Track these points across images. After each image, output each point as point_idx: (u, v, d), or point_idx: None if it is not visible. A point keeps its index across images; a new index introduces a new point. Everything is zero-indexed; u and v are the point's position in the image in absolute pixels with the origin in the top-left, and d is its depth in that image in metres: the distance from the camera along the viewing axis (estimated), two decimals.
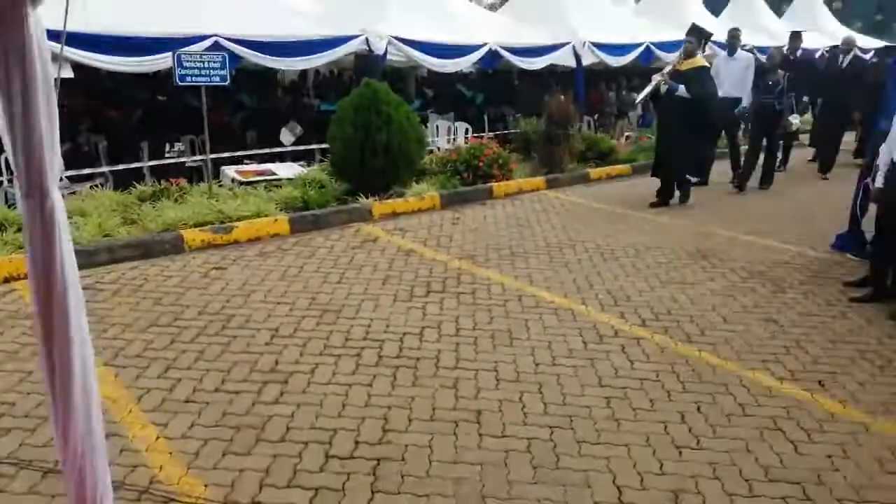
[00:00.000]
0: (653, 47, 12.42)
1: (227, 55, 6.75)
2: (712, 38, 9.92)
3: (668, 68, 7.61)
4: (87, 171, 7.68)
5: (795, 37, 10.87)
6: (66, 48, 6.29)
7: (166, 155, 9.32)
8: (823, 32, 18.58)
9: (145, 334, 4.07)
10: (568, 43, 11.29)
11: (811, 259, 5.89)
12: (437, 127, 11.01)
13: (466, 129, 10.77)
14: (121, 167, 7.91)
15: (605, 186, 8.99)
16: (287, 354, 3.85)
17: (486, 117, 11.61)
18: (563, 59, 11.30)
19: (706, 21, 15.22)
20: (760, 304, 4.80)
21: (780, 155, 9.59)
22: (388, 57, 9.23)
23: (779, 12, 20.04)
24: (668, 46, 12.42)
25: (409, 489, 2.72)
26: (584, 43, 11.33)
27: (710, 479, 2.83)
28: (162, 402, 3.32)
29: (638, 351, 4.01)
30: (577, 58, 11.36)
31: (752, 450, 3.04)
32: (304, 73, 13.20)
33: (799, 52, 10.72)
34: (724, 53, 9.33)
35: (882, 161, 4.86)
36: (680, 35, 13.60)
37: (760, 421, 3.27)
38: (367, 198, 7.06)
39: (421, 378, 3.62)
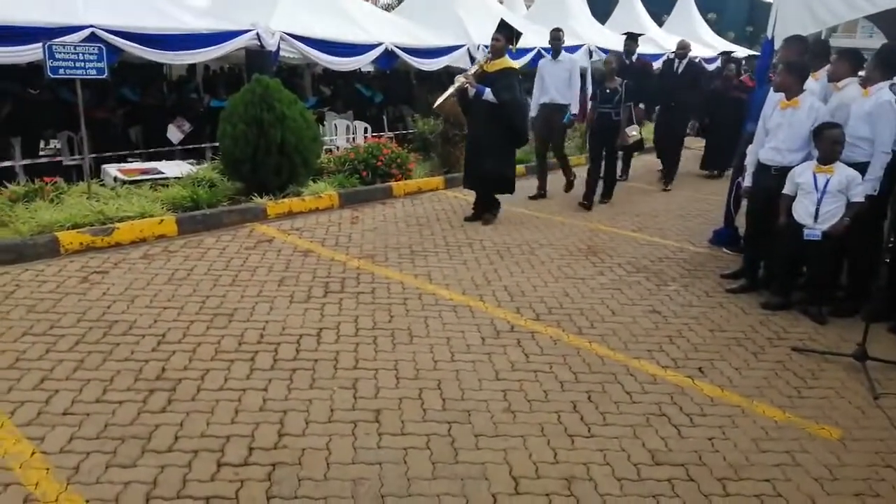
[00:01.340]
0: (543, 52, 12.79)
1: (104, 47, 6.35)
2: (600, 46, 10.36)
3: (473, 69, 6.75)
4: None
5: (631, 40, 9.76)
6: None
7: (41, 153, 8.69)
8: (700, 42, 19.82)
9: (18, 344, 3.77)
10: (463, 45, 11.44)
11: (691, 254, 6.25)
12: (336, 126, 10.86)
13: (366, 129, 10.69)
14: None
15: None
16: (175, 361, 3.68)
17: (385, 117, 11.56)
18: (459, 60, 11.43)
19: (593, 29, 15.93)
20: (645, 296, 5.05)
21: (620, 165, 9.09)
22: (282, 53, 9.01)
23: (659, 22, 21.17)
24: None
25: (307, 493, 2.66)
26: (479, 46, 11.52)
27: (601, 465, 2.95)
28: (38, 416, 3.09)
29: (533, 344, 4.12)
30: (472, 60, 11.52)
31: (639, 435, 3.19)
32: (192, 67, 12.66)
33: (635, 57, 9.73)
34: (548, 56, 8.48)
35: (749, 161, 5.24)
36: (570, 41, 14.13)
37: (647, 407, 3.44)
38: (261, 197, 6.86)
39: (319, 380, 3.56)
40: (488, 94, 6.35)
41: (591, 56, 13.99)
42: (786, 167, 4.83)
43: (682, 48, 9.50)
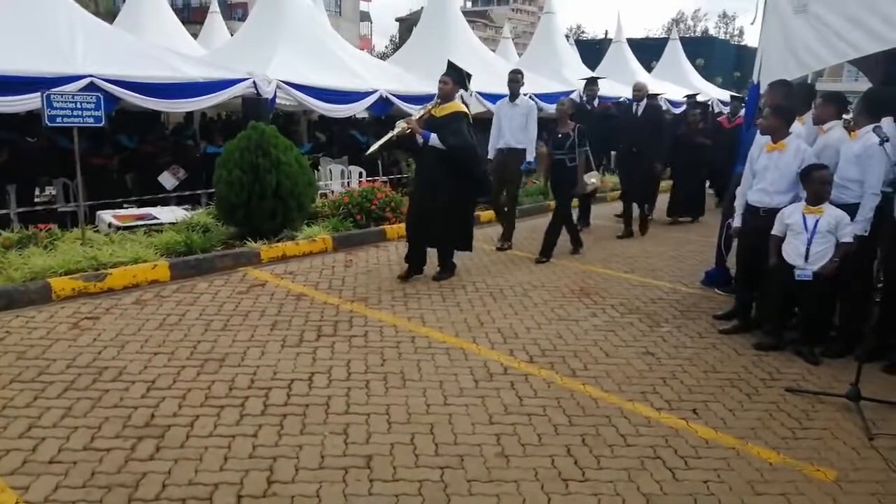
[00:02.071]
0: (535, 99, 13.03)
1: (101, 96, 6.45)
2: (597, 93, 10.49)
3: (419, 113, 6.21)
4: None
5: (591, 84, 9.60)
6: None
7: (36, 200, 8.74)
8: (690, 87, 20.21)
9: (5, 391, 3.74)
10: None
11: (683, 294, 6.27)
12: (331, 171, 10.98)
13: (360, 173, 10.80)
14: None
15: (495, 228, 9.21)
16: (164, 407, 3.64)
17: (379, 162, 11.68)
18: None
19: (582, 73, 16.24)
20: (639, 338, 5.05)
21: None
22: (278, 101, 9.17)
23: (648, 68, 21.64)
24: (547, 98, 13.08)
25: None
26: (472, 93, 11.73)
27: None
28: (23, 464, 3.04)
29: (526, 387, 4.09)
30: (466, 106, 11.70)
31: (634, 479, 3.15)
32: (190, 115, 12.85)
33: (597, 102, 9.58)
34: (505, 99, 7.98)
35: (738, 203, 5.30)
36: (560, 87, 14.42)
37: (641, 450, 3.41)
38: (255, 242, 6.89)
39: (310, 425, 3.52)
40: (434, 139, 5.87)
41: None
42: (774, 208, 4.88)
43: (639, 90, 8.94)
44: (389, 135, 6.05)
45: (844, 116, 5.55)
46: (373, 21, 57.58)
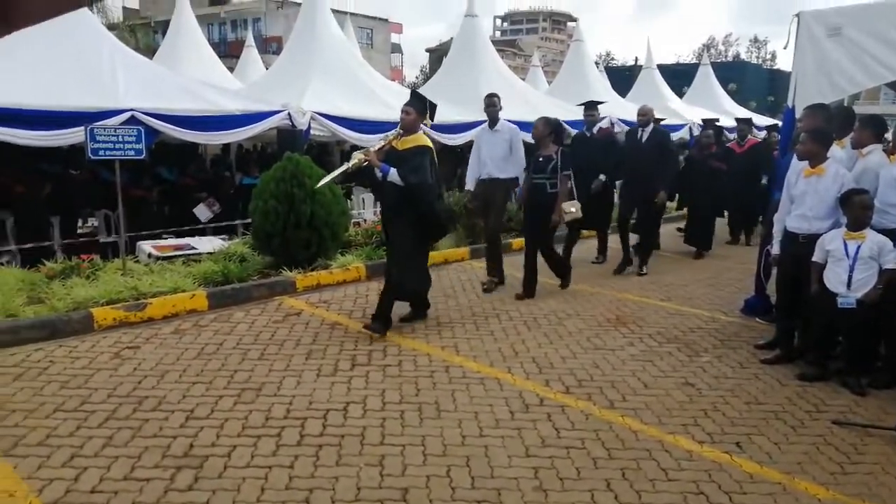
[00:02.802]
0: (565, 125, 13.04)
1: (142, 129, 6.65)
2: (622, 118, 10.45)
3: (379, 144, 5.53)
4: None
5: (589, 108, 8.57)
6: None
7: (78, 231, 8.98)
8: (723, 112, 20.06)
9: (49, 420, 3.81)
10: (486, 120, 11.72)
11: (723, 323, 6.15)
12: (364, 199, 11.09)
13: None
14: (29, 245, 7.54)
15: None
16: (203, 437, 3.67)
17: None
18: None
19: (614, 101, 16.24)
20: (678, 368, 4.95)
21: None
22: (312, 132, 9.33)
23: (680, 94, 21.55)
24: (579, 125, 13.08)
25: None
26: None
27: None
28: (65, 494, 3.08)
29: (563, 418, 4.03)
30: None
31: None
32: (227, 146, 13.12)
33: (597, 128, 8.76)
34: (483, 126, 7.43)
35: (776, 229, 5.21)
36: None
37: (683, 485, 3.32)
38: (290, 270, 6.97)
39: (345, 456, 3.51)
40: (394, 175, 5.28)
41: (612, 128, 14.21)
42: (814, 235, 4.79)
43: (643, 114, 8.17)
44: (344, 167, 5.49)
45: (886, 137, 5.45)
46: (403, 52, 58.56)
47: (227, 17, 44.98)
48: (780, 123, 14.21)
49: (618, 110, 15.21)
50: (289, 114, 8.90)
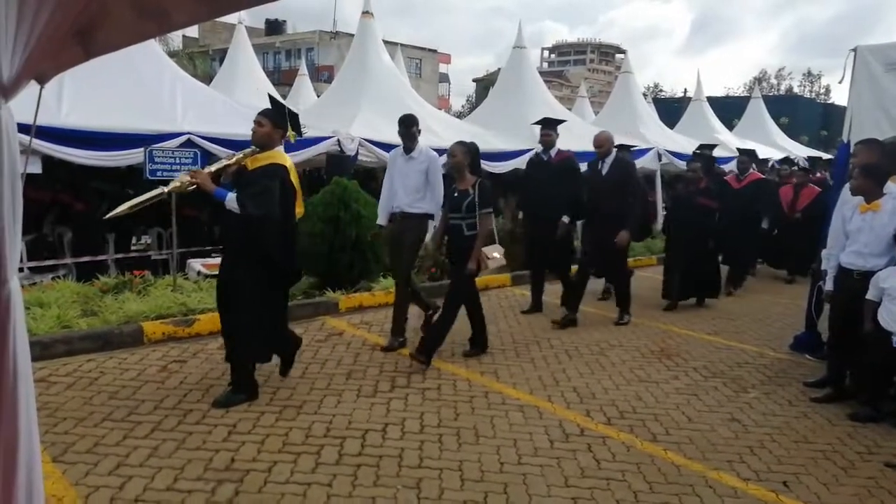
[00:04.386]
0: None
1: (198, 151, 6.89)
2: (669, 150, 10.32)
3: (226, 161, 4.47)
4: (50, 262, 7.58)
5: (546, 126, 7.27)
6: (38, 141, 6.36)
7: (132, 248, 9.26)
8: (774, 146, 19.74)
9: (97, 429, 3.92)
10: (531, 150, 11.77)
11: (771, 359, 5.98)
12: None
13: (435, 227, 10.94)
14: (85, 259, 7.83)
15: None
16: (244, 451, 3.72)
17: None
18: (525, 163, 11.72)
19: (662, 133, 16.13)
20: (724, 403, 4.83)
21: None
22: (360, 157, 9.51)
23: (730, 126, 21.28)
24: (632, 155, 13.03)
25: None
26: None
27: None
28: (111, 502, 3.16)
29: (604, 450, 3.97)
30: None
31: None
32: None
33: (555, 151, 7.16)
34: (398, 149, 6.10)
35: (829, 265, 5.08)
36: (638, 144, 14.32)
37: None
38: (334, 292, 7.06)
39: (383, 477, 3.51)
40: (231, 200, 4.22)
41: (659, 159, 14.12)
42: (869, 271, 4.65)
43: (599, 145, 6.87)
44: (158, 190, 4.27)
45: None
46: (451, 82, 59.36)
47: (281, 46, 46.40)
48: (823, 156, 13.86)
49: (666, 142, 15.12)
50: (338, 140, 9.10)
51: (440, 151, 10.34)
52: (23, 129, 1.95)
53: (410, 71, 34.65)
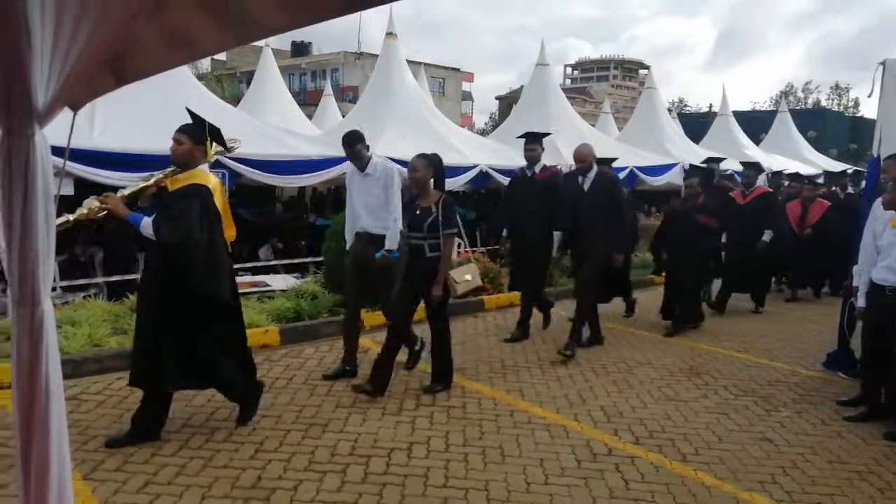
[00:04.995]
0: (636, 171, 12.94)
1: (226, 172, 6.99)
2: (694, 164, 10.19)
3: (143, 183, 4.08)
4: (81, 281, 7.73)
5: (530, 141, 6.97)
6: (70, 164, 6.50)
7: None
8: (801, 159, 19.47)
9: (127, 447, 3.95)
10: (555, 165, 11.76)
11: (803, 377, 5.86)
12: None
13: (459, 244, 10.97)
14: (115, 278, 7.97)
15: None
16: (270, 470, 3.73)
17: (477, 233, 11.86)
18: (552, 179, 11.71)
19: (687, 148, 16.00)
20: (755, 422, 4.74)
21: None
22: None
23: (757, 141, 21.04)
24: (650, 171, 12.97)
25: None
26: (571, 165, 11.81)
27: None
28: None
29: (633, 470, 3.91)
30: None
31: None
32: (301, 189, 13.60)
33: (539, 167, 6.86)
34: (353, 168, 5.66)
35: (861, 281, 4.98)
36: (662, 160, 14.24)
37: None
38: None
39: (408, 497, 3.50)
40: (146, 226, 3.84)
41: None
42: None
43: (581, 160, 6.40)
44: (59, 220, 3.32)
45: None
46: (474, 100, 59.69)
47: (307, 67, 47.09)
48: (849, 168, 13.60)
49: (691, 157, 14.99)
50: None
51: (463, 170, 10.51)
52: (56, 151, 2.01)
53: (434, 90, 34.93)
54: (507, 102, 48.82)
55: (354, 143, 5.41)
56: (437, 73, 45.88)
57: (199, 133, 4.14)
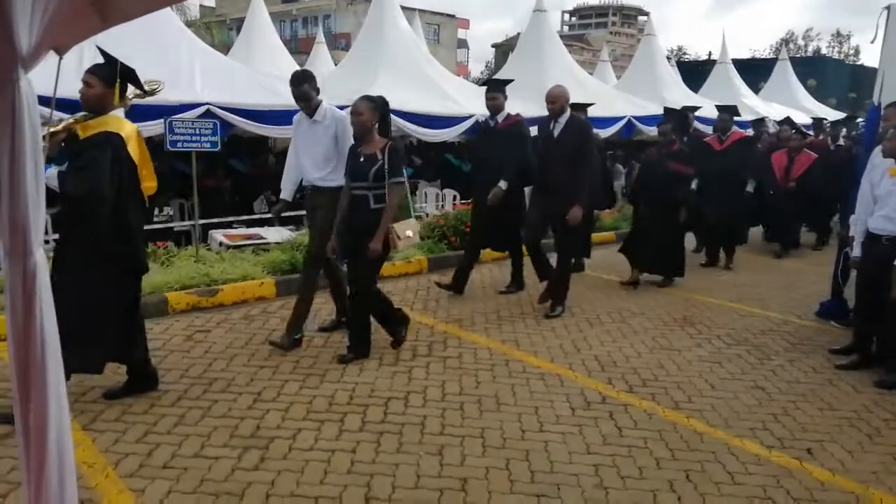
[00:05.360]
0: (634, 120, 12.81)
1: (218, 122, 6.88)
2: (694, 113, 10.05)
3: (54, 127, 3.65)
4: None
5: (492, 88, 6.62)
6: (58, 113, 6.37)
7: (155, 219, 9.35)
8: (801, 108, 19.28)
9: (125, 398, 3.99)
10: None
11: (796, 326, 5.92)
12: (426, 193, 11.17)
13: (454, 196, 10.92)
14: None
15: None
16: (269, 419, 3.78)
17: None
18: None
19: (687, 97, 15.80)
20: (747, 371, 4.80)
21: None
22: None
23: (756, 90, 20.80)
24: (648, 120, 12.83)
25: None
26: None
27: None
28: (139, 468, 3.23)
29: (626, 417, 3.97)
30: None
31: None
32: None
33: (502, 117, 6.46)
34: (300, 114, 5.11)
35: (858, 230, 4.98)
36: (660, 109, 14.09)
37: (750, 490, 3.23)
38: None
39: (405, 444, 3.55)
40: (51, 178, 3.47)
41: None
42: None
43: (552, 101, 5.88)
44: None
45: None
46: (470, 48, 58.63)
47: (298, 14, 46.05)
48: (842, 115, 13.36)
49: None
50: None
51: (459, 120, 10.37)
52: (43, 101, 1.95)
53: (428, 37, 34.27)
54: (504, 50, 48.01)
55: (301, 83, 4.86)
56: (431, 19, 44.93)
57: (110, 75, 3.74)
